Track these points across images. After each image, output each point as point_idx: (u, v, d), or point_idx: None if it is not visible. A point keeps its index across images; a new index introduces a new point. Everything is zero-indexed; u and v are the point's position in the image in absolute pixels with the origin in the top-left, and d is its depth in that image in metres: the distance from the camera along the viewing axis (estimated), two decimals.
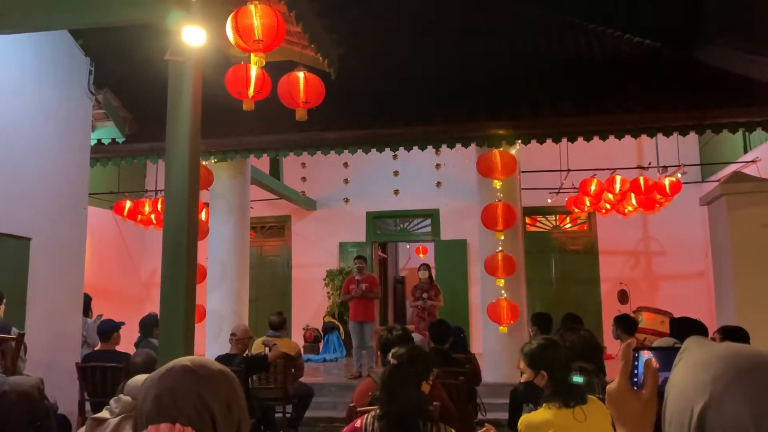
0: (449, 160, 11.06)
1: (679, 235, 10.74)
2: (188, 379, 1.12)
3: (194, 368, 1.14)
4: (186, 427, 1.06)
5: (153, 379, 1.15)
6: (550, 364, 2.75)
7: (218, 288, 8.56)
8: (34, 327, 5.58)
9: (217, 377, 1.15)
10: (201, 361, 1.18)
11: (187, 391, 1.11)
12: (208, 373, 1.14)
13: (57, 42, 6.29)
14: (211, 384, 1.13)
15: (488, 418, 6.14)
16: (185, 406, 1.09)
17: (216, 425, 1.10)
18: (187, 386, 1.11)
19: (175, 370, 1.14)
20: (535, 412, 2.73)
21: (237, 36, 4.17)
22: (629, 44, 9.91)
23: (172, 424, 1.06)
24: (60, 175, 6.27)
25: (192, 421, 1.08)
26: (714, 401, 0.77)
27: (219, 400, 1.12)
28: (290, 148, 7.79)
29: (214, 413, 1.10)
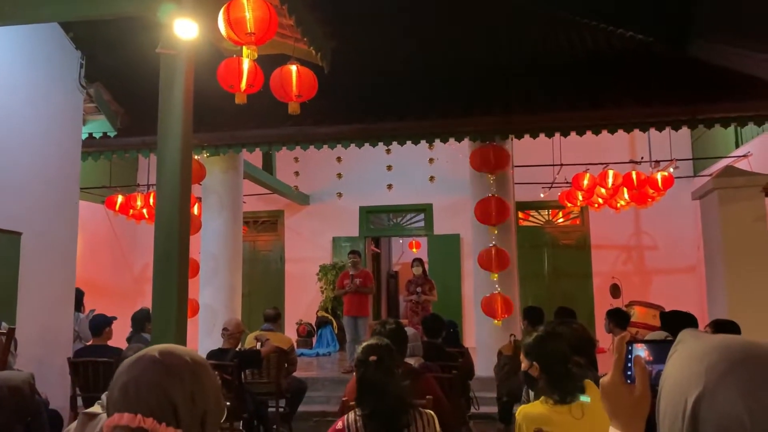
0: (442, 154, 11.06)
1: (671, 230, 10.79)
2: (153, 370, 1.14)
3: (161, 359, 1.16)
4: (147, 417, 1.09)
5: (123, 366, 1.17)
6: (545, 357, 2.72)
7: (211, 283, 8.53)
8: (25, 322, 5.55)
9: (183, 369, 1.16)
10: (169, 351, 1.19)
11: (150, 383, 1.12)
12: (174, 364, 1.16)
13: (47, 35, 6.23)
14: (176, 375, 1.14)
15: (480, 411, 6.18)
16: (147, 396, 1.11)
17: (178, 416, 1.12)
18: (150, 377, 1.13)
19: (143, 361, 1.16)
20: (533, 404, 2.70)
21: (229, 29, 4.14)
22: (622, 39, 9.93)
23: (133, 414, 1.09)
24: (51, 169, 6.23)
25: (153, 411, 1.10)
26: (708, 392, 0.77)
27: (183, 391, 1.13)
28: (283, 143, 7.76)
29: (176, 405, 1.12)
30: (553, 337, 2.83)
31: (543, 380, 2.71)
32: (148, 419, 1.09)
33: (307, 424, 6.81)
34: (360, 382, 2.68)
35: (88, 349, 5.68)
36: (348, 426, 2.63)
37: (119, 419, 1.10)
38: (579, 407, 2.56)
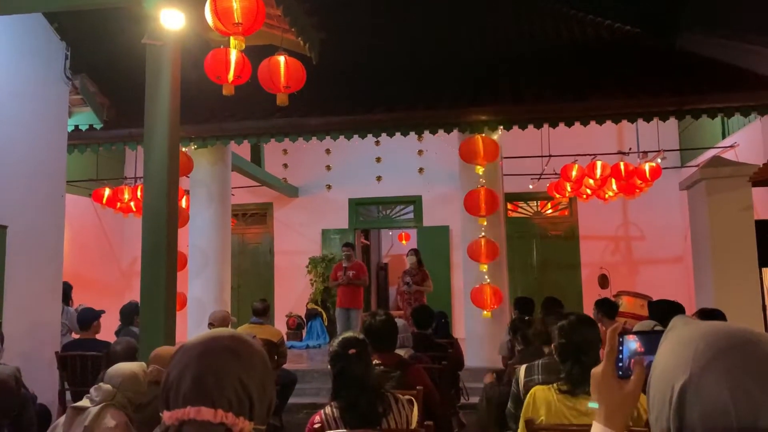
0: (431, 146, 11.05)
1: (659, 220, 10.87)
2: (231, 362, 1.09)
3: (234, 347, 1.11)
4: (227, 412, 1.05)
5: (190, 355, 1.10)
6: (568, 343, 2.65)
7: (199, 276, 8.50)
8: (12, 316, 5.51)
9: (256, 358, 1.13)
10: (240, 340, 1.14)
11: (230, 375, 1.07)
12: (248, 354, 1.12)
13: (31, 26, 6.15)
14: (251, 366, 1.11)
15: (470, 402, 6.21)
16: (227, 390, 1.06)
17: (253, 407, 1.08)
18: (228, 368, 1.08)
19: (217, 350, 1.10)
20: (546, 387, 2.68)
21: (216, 19, 4.10)
22: (610, 30, 9.96)
23: (212, 408, 1.04)
24: (37, 161, 6.16)
25: (232, 405, 1.06)
26: (694, 379, 0.77)
27: (257, 382, 1.10)
28: (271, 135, 7.72)
29: (253, 397, 1.08)
30: (587, 325, 2.76)
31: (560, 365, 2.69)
32: (229, 414, 1.05)
33: (297, 416, 6.81)
34: (338, 376, 2.67)
35: (76, 343, 5.65)
36: (326, 418, 2.63)
37: (196, 413, 1.04)
38: (586, 401, 2.52)
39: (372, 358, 2.84)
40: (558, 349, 2.71)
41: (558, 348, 2.71)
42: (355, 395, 2.62)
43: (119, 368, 3.14)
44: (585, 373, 2.55)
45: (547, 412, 2.58)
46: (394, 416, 2.61)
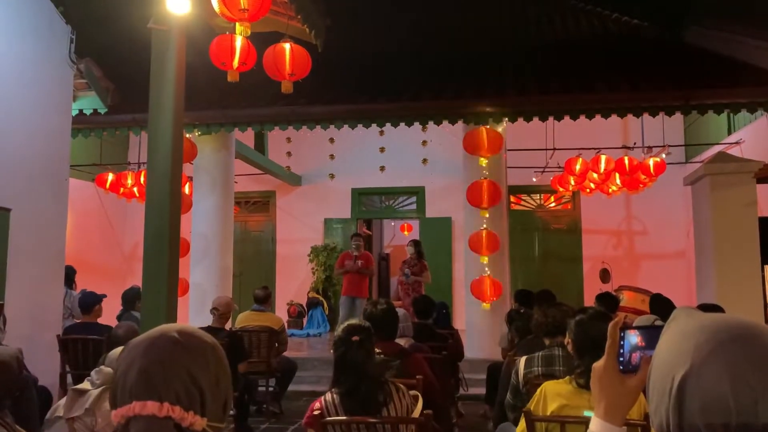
0: (435, 137, 11.03)
1: (662, 215, 10.85)
2: (177, 353, 1.04)
3: (183, 341, 1.06)
4: (174, 405, 1.00)
5: (137, 349, 1.06)
6: (584, 337, 2.63)
7: (201, 262, 8.51)
8: (15, 299, 5.52)
9: (207, 350, 1.07)
10: (189, 332, 1.09)
11: (176, 367, 1.03)
12: (197, 345, 1.07)
13: (36, 8, 6.13)
14: (201, 358, 1.05)
15: (469, 393, 6.23)
16: (174, 382, 1.01)
17: (204, 402, 1.03)
18: (175, 361, 1.03)
19: (162, 342, 1.05)
20: (558, 381, 2.67)
21: (222, 5, 4.09)
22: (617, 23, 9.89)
23: (159, 402, 1.00)
24: (41, 145, 6.16)
25: (180, 398, 1.01)
26: (694, 370, 0.78)
27: (208, 375, 1.05)
28: (275, 122, 7.71)
29: (203, 389, 1.03)
30: (604, 319, 2.72)
31: (576, 360, 2.68)
32: (176, 407, 1.00)
33: (297, 403, 6.84)
34: (339, 361, 2.69)
35: (77, 327, 5.67)
36: (326, 405, 2.65)
37: (141, 408, 1.00)
38: None
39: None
40: (575, 343, 2.70)
41: (575, 342, 2.70)
42: (354, 382, 2.63)
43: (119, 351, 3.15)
44: None
45: (560, 405, 2.56)
46: (394, 405, 2.62)
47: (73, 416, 2.91)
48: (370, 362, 2.69)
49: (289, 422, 6.17)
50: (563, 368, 3.22)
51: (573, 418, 2.52)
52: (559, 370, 3.23)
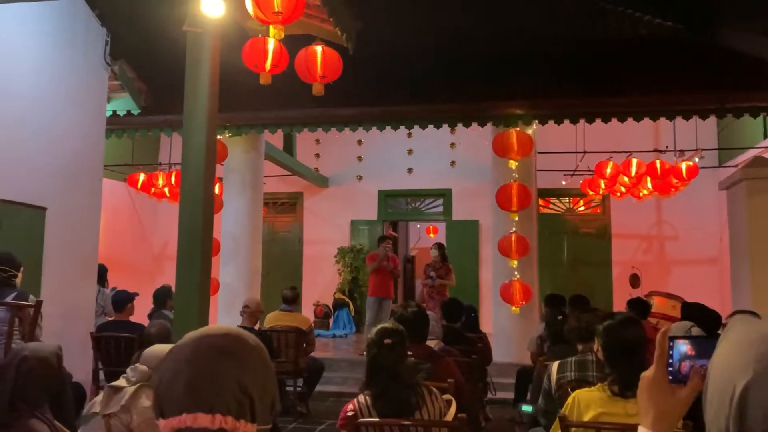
0: (464, 139, 10.99)
1: (694, 220, 10.67)
2: (224, 362, 1.01)
3: (228, 347, 1.02)
4: (226, 416, 0.97)
5: (180, 358, 1.02)
6: (614, 343, 2.60)
7: (231, 262, 8.60)
8: (49, 296, 5.62)
9: (252, 354, 1.04)
10: (234, 336, 1.05)
11: (224, 376, 0.99)
12: (243, 350, 1.04)
13: (74, 11, 6.26)
14: (247, 363, 1.03)
15: (497, 397, 6.19)
16: (223, 393, 0.98)
17: (254, 408, 1.01)
18: (223, 370, 1.00)
19: (206, 350, 1.02)
20: (590, 389, 2.62)
21: (256, 7, 4.12)
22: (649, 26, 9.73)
23: (210, 413, 0.97)
24: (76, 145, 6.28)
25: (230, 408, 0.98)
26: (757, 381, 0.77)
27: (256, 379, 1.02)
28: (305, 124, 7.75)
29: (253, 396, 1.01)
30: (633, 325, 2.69)
31: (607, 367, 2.63)
32: (228, 418, 0.97)
33: (323, 403, 6.87)
34: (371, 363, 2.70)
35: (110, 324, 5.76)
36: (359, 407, 2.65)
37: (193, 421, 0.97)
38: (635, 405, 2.45)
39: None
40: (605, 350, 2.65)
41: (605, 349, 2.65)
42: (386, 385, 2.63)
43: (155, 350, 3.19)
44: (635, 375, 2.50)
45: (597, 413, 2.51)
46: (427, 408, 2.61)
47: (109, 413, 2.96)
48: (402, 365, 2.69)
49: (317, 422, 6.19)
50: (596, 374, 3.18)
51: (609, 425, 2.48)
52: (593, 375, 3.19)
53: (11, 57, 5.53)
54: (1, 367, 2.67)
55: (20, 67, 5.63)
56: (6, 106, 5.46)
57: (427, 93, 7.50)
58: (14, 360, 2.64)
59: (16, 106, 5.56)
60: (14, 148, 5.54)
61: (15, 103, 5.56)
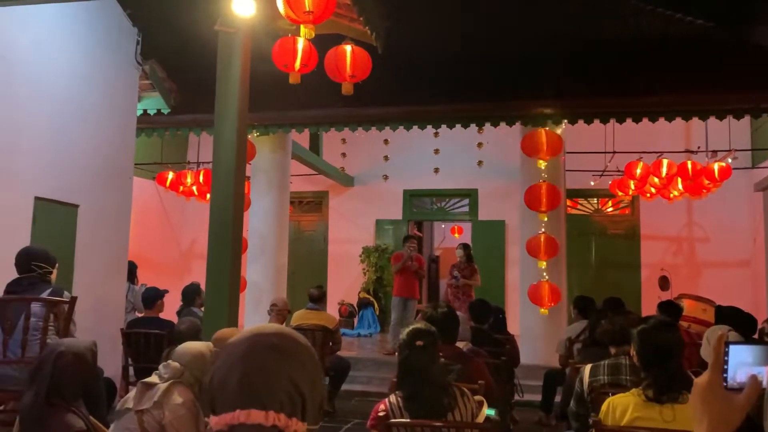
0: (490, 138, 10.92)
1: (726, 222, 10.46)
2: (277, 359, 1.02)
3: (281, 345, 1.04)
4: (279, 413, 0.98)
5: (234, 354, 1.03)
6: (649, 347, 2.56)
7: (258, 260, 8.65)
8: (80, 292, 5.68)
9: (303, 353, 1.06)
10: (285, 334, 1.07)
11: (278, 373, 1.00)
12: (295, 348, 1.05)
13: (106, 11, 6.35)
14: (299, 362, 1.04)
15: (524, 399, 6.13)
16: (277, 390, 0.99)
17: (305, 406, 1.01)
18: (276, 367, 1.01)
19: (260, 347, 1.03)
20: (625, 394, 2.59)
21: (287, 7, 4.13)
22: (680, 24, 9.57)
23: (263, 410, 0.98)
24: (107, 144, 6.36)
25: (283, 405, 0.99)
26: None
27: (307, 378, 1.03)
28: (332, 124, 7.77)
29: (304, 394, 1.01)
30: (669, 329, 2.66)
31: (642, 372, 2.59)
32: (281, 415, 0.98)
33: (349, 402, 6.87)
34: (403, 365, 2.69)
35: (140, 321, 5.83)
36: (391, 407, 2.64)
37: (246, 417, 0.97)
38: (671, 409, 2.40)
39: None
40: (640, 355, 2.61)
41: (640, 353, 2.61)
42: (417, 386, 2.62)
43: (187, 347, 3.21)
44: (670, 379, 2.46)
45: (633, 418, 2.47)
46: (459, 410, 2.59)
47: (142, 409, 2.99)
48: (434, 367, 2.67)
49: (342, 421, 6.20)
50: (630, 377, 3.13)
51: (645, 430, 2.44)
52: (626, 379, 3.15)
53: (48, 56, 5.63)
54: (38, 363, 2.71)
55: (56, 67, 5.72)
56: (42, 105, 5.56)
57: (455, 92, 7.46)
58: (51, 355, 2.68)
59: (51, 105, 5.66)
60: (50, 146, 5.63)
61: (51, 102, 5.65)
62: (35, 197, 5.46)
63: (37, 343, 3.74)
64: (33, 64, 5.47)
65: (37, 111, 5.50)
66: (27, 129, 5.40)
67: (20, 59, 5.34)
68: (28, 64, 5.42)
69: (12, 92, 5.26)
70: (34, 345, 3.74)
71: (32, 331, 3.75)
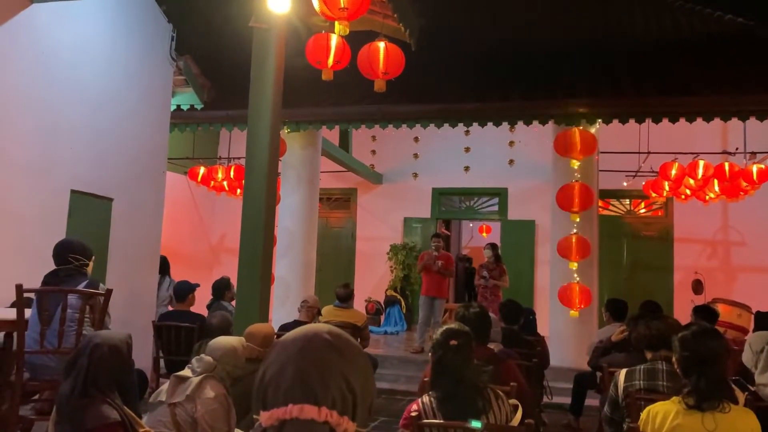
0: (522, 138, 10.82)
1: (763, 226, 10.21)
2: (332, 356, 1.02)
3: (336, 343, 1.03)
4: (332, 410, 0.98)
5: (290, 350, 1.03)
6: (694, 354, 2.51)
7: (286, 256, 8.69)
8: (113, 284, 5.74)
9: (357, 353, 1.05)
10: (338, 333, 1.07)
11: (332, 370, 1.00)
12: (349, 348, 1.05)
13: (142, 7, 6.42)
14: (352, 361, 1.03)
15: (553, 401, 6.06)
16: (331, 386, 0.99)
17: (356, 406, 1.01)
18: (331, 364, 1.01)
19: (316, 344, 1.03)
20: (664, 402, 2.54)
21: (322, 3, 4.13)
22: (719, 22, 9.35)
23: (316, 405, 0.97)
24: (142, 138, 6.45)
25: (336, 403, 0.98)
26: None
27: (359, 378, 1.02)
28: (362, 121, 7.75)
29: (356, 393, 1.01)
30: (712, 336, 2.61)
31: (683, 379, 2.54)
32: (333, 412, 0.97)
33: (376, 401, 6.86)
34: (436, 365, 2.67)
35: (171, 314, 5.89)
36: (424, 407, 2.62)
37: (299, 412, 0.97)
38: (712, 418, 2.35)
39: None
40: (681, 362, 2.56)
41: (681, 360, 2.55)
42: (451, 387, 2.60)
43: (220, 342, 3.24)
44: (712, 387, 2.40)
45: (674, 425, 2.42)
46: (494, 412, 2.56)
47: (175, 402, 3.02)
48: (468, 367, 2.64)
49: (369, 419, 6.20)
50: (667, 384, 3.06)
51: None
52: (663, 385, 3.08)
53: (85, 53, 5.72)
54: (75, 354, 2.75)
55: (92, 63, 5.81)
56: (80, 99, 5.65)
57: (487, 90, 7.40)
58: (87, 347, 2.72)
59: (88, 100, 5.75)
60: (86, 139, 5.73)
61: (87, 97, 5.74)
62: (71, 190, 5.56)
63: (74, 334, 3.80)
64: (71, 60, 5.56)
65: (73, 106, 5.59)
66: (64, 123, 5.49)
67: (59, 56, 5.44)
68: (66, 61, 5.51)
69: (50, 88, 5.35)
70: (70, 336, 3.80)
71: (68, 323, 3.81)
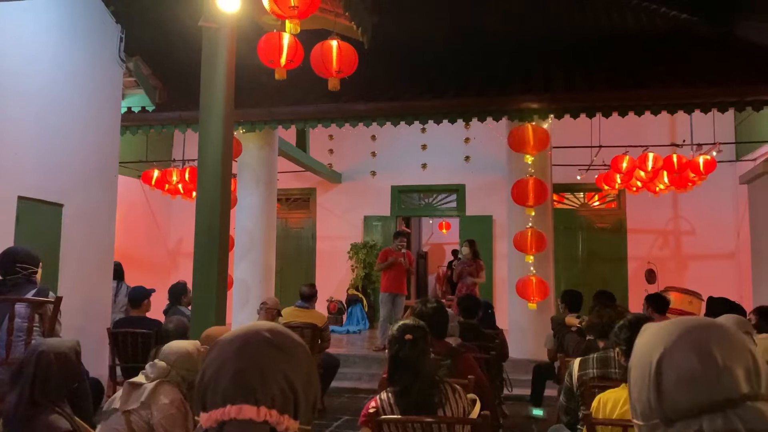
0: (477, 134, 10.93)
1: (711, 215, 10.55)
2: (272, 355, 1.00)
3: (276, 341, 1.02)
4: (271, 409, 0.96)
5: (227, 350, 1.01)
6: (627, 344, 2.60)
7: (245, 258, 8.60)
8: (66, 292, 5.63)
9: (298, 350, 1.03)
10: (279, 331, 1.05)
11: (272, 369, 0.98)
12: (289, 345, 1.03)
13: (88, 8, 6.27)
14: (294, 358, 1.01)
15: (513, 393, 6.15)
16: (270, 385, 0.97)
17: (298, 404, 0.99)
18: (271, 363, 0.99)
19: (255, 343, 1.01)
20: (613, 390, 2.61)
21: (272, 2, 4.10)
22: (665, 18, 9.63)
23: (255, 405, 0.96)
24: (91, 142, 6.29)
25: (275, 402, 0.97)
26: (667, 352, 0.91)
27: (301, 377, 1.01)
28: (319, 120, 7.72)
29: (297, 391, 0.99)
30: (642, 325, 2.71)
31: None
32: (272, 411, 0.96)
33: (339, 399, 6.86)
34: (393, 360, 2.69)
35: (126, 320, 5.77)
36: (381, 403, 2.63)
37: (237, 412, 0.96)
38: None
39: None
40: (622, 352, 2.65)
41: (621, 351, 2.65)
42: (408, 381, 2.61)
43: (174, 346, 3.18)
44: None
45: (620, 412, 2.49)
46: (450, 406, 2.59)
47: (129, 409, 2.96)
48: (425, 362, 2.66)
49: (332, 418, 6.19)
50: (620, 371, 3.14)
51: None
52: (616, 372, 3.16)
53: (30, 54, 5.54)
54: (20, 364, 2.68)
55: (38, 64, 5.64)
56: (25, 103, 5.47)
57: (442, 87, 7.45)
58: (32, 355, 2.65)
59: (34, 103, 5.58)
60: (33, 144, 5.55)
61: (33, 100, 5.57)
62: (18, 197, 5.39)
63: (22, 344, 3.69)
64: (15, 62, 5.38)
65: (19, 109, 5.42)
66: (8, 127, 5.32)
67: (2, 56, 5.26)
68: (9, 62, 5.33)
69: None
70: (19, 346, 3.69)
71: (17, 332, 3.70)
